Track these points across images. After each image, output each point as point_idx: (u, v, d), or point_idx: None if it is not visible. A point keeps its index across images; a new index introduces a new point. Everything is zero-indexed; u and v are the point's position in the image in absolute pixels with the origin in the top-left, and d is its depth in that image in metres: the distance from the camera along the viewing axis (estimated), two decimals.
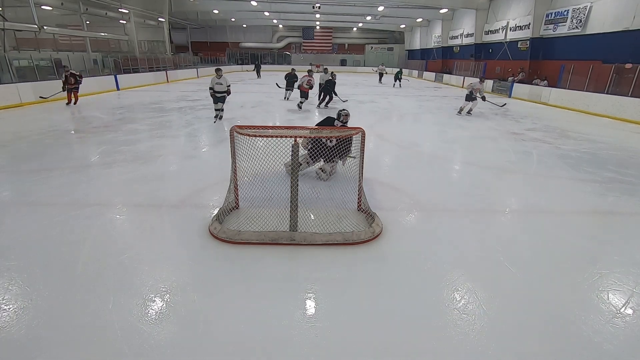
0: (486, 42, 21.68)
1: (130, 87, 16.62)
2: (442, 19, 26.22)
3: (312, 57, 37.80)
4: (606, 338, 2.18)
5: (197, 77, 24.83)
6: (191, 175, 4.99)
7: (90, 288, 2.53)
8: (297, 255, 3.03)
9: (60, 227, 3.41)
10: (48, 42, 19.63)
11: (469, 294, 2.56)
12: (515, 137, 7.98)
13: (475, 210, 4.06)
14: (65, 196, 4.14)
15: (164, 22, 26.12)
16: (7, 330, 2.13)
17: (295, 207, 3.19)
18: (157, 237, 3.28)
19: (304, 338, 2.13)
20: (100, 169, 5.16)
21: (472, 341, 2.13)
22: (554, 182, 5.17)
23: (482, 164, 5.93)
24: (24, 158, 5.63)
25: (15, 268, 2.75)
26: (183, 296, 2.47)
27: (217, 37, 39.78)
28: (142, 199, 4.13)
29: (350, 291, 2.59)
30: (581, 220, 3.95)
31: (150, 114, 10.03)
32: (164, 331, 2.15)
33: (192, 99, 13.39)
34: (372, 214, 3.57)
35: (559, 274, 2.86)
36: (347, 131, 3.78)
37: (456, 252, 3.15)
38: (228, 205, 3.63)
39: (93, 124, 8.41)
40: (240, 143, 3.36)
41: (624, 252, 3.21)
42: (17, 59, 13.51)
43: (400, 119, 10.61)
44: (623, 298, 2.57)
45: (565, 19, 15.05)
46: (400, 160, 6.24)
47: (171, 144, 6.75)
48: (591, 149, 7.06)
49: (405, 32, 36.60)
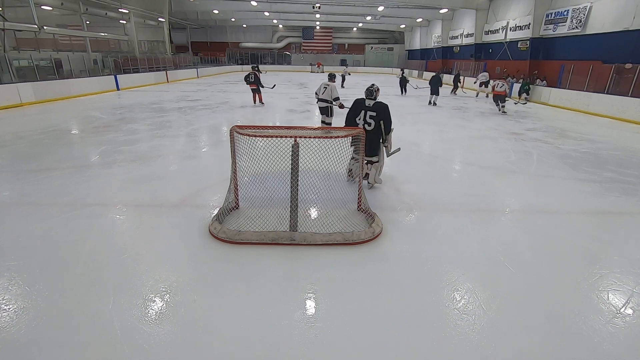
0: (486, 42, 21.67)
1: (130, 87, 16.62)
2: (442, 19, 26.21)
3: (312, 57, 37.81)
4: (606, 338, 2.18)
5: (197, 77, 24.85)
6: (191, 175, 4.99)
7: (90, 288, 2.53)
8: (297, 255, 3.03)
9: (60, 227, 3.41)
10: (48, 42, 19.61)
11: (469, 294, 2.56)
12: (515, 137, 7.98)
13: (475, 210, 4.06)
14: (65, 196, 4.14)
15: (164, 22, 26.11)
16: (7, 330, 2.13)
17: (295, 207, 3.19)
18: (157, 237, 3.28)
19: (304, 338, 2.13)
20: (100, 169, 5.16)
21: (472, 341, 2.13)
22: (554, 182, 5.17)
23: (482, 164, 5.93)
24: (24, 158, 5.63)
25: (15, 268, 2.75)
26: (183, 296, 2.47)
27: (217, 37, 39.77)
28: (142, 199, 4.13)
29: (350, 291, 2.59)
30: (581, 220, 3.95)
31: (150, 114, 10.03)
32: (164, 331, 2.15)
33: (192, 99, 13.39)
34: (372, 214, 3.57)
35: (558, 274, 2.86)
36: (347, 131, 3.76)
37: (456, 252, 3.15)
38: (228, 205, 3.63)
39: (93, 124, 8.41)
40: (240, 143, 3.36)
41: (624, 252, 3.21)
42: (17, 59, 13.51)
43: (400, 119, 10.59)
44: (623, 298, 2.57)
45: (565, 19, 15.05)
46: (401, 160, 6.23)
47: (171, 144, 6.75)
48: (591, 149, 7.06)
49: (405, 32, 36.59)
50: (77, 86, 13.39)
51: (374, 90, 4.13)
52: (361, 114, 4.09)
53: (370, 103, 4.09)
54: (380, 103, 4.11)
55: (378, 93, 4.17)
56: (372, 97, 4.11)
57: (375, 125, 4.04)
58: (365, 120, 4.07)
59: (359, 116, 4.10)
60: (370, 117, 4.05)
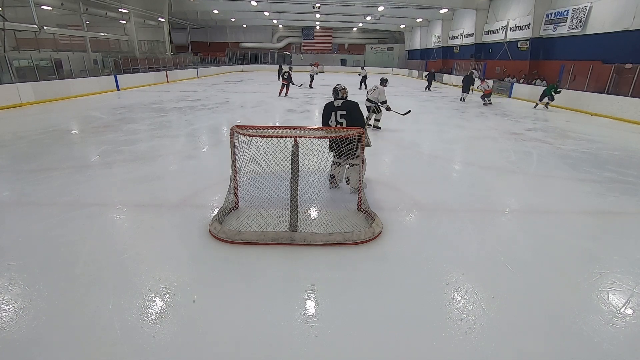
0: (486, 42, 21.68)
1: (130, 87, 16.63)
2: (442, 19, 26.22)
3: (312, 57, 37.80)
4: (606, 338, 2.18)
5: (197, 77, 24.85)
6: (191, 175, 4.99)
7: (90, 288, 2.53)
8: (297, 255, 3.03)
9: (60, 227, 3.41)
10: (48, 42, 19.61)
11: (468, 294, 2.56)
12: (515, 137, 7.98)
13: (475, 210, 4.06)
14: (65, 196, 4.14)
15: (164, 22, 26.12)
16: (7, 330, 2.12)
17: (295, 207, 3.19)
18: (157, 237, 3.28)
19: (303, 338, 2.13)
20: (100, 169, 5.16)
21: (472, 341, 2.13)
22: (554, 182, 5.17)
23: (482, 164, 5.93)
24: (24, 158, 5.63)
25: (15, 268, 2.75)
26: (183, 296, 2.47)
27: (217, 37, 39.78)
28: (142, 199, 4.13)
29: (350, 291, 2.59)
30: (581, 220, 3.95)
31: (150, 114, 10.03)
32: (164, 331, 2.15)
33: (192, 99, 13.39)
34: (372, 214, 3.57)
35: (558, 274, 2.85)
36: (347, 132, 3.76)
37: (456, 252, 3.14)
38: (228, 205, 3.63)
39: (93, 124, 8.41)
40: (240, 143, 3.36)
41: (624, 252, 3.21)
42: (17, 59, 13.52)
43: (400, 118, 10.59)
44: (623, 298, 2.57)
45: (565, 19, 15.05)
46: (400, 160, 6.24)
47: (171, 144, 6.75)
48: (591, 149, 7.06)
49: (405, 32, 36.60)
50: (77, 86, 13.39)
51: (339, 90, 4.08)
52: (332, 116, 4.05)
53: (339, 103, 4.05)
54: (349, 101, 4.06)
55: (345, 92, 4.12)
56: (339, 96, 4.07)
57: (348, 124, 3.95)
58: (337, 120, 4.02)
59: (331, 118, 4.06)
60: (341, 117, 4.01)
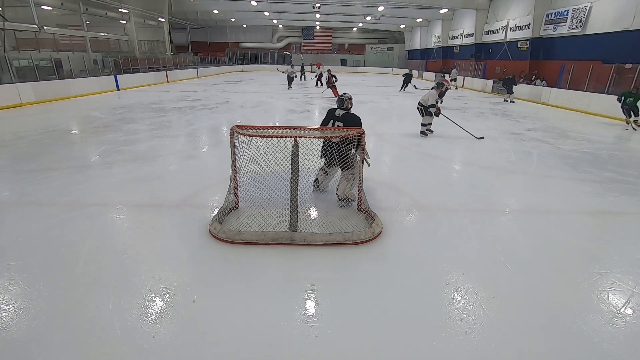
0: (486, 42, 21.67)
1: (130, 87, 16.63)
2: (442, 19, 26.21)
3: (312, 57, 37.81)
4: (606, 338, 2.18)
5: (197, 77, 24.85)
6: (191, 175, 4.99)
7: (90, 288, 2.53)
8: (297, 255, 3.03)
9: (60, 227, 3.41)
10: (48, 42, 19.61)
11: (468, 294, 2.56)
12: (515, 137, 7.98)
13: (475, 210, 4.06)
14: (65, 196, 4.14)
15: (164, 22, 26.11)
16: (7, 330, 2.12)
17: (295, 207, 3.19)
18: (157, 237, 3.28)
19: (303, 338, 2.13)
20: (100, 169, 5.16)
21: (472, 341, 2.13)
22: (554, 182, 5.16)
23: (482, 164, 5.93)
24: (24, 158, 5.63)
25: (15, 268, 2.75)
26: (183, 296, 2.47)
27: (217, 37, 39.77)
28: (142, 199, 4.13)
29: (350, 291, 2.59)
30: (581, 220, 3.95)
31: (150, 114, 10.03)
32: (164, 331, 2.15)
33: (192, 99, 13.39)
34: (372, 214, 3.57)
35: (558, 274, 2.85)
36: (347, 132, 3.75)
37: (456, 252, 3.14)
38: (228, 205, 3.63)
39: (93, 124, 8.41)
40: (240, 143, 3.36)
41: (624, 252, 3.21)
42: (17, 59, 13.53)
43: (400, 118, 10.61)
44: (623, 298, 2.57)
45: (565, 19, 15.05)
46: (400, 160, 6.23)
47: (171, 144, 6.75)
48: (591, 149, 7.06)
49: (405, 32, 36.58)
50: (77, 86, 13.39)
51: (345, 100, 3.90)
52: (330, 124, 3.95)
53: (340, 113, 3.91)
54: (349, 114, 3.89)
55: (350, 102, 3.93)
56: (343, 106, 3.91)
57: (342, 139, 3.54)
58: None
59: (329, 125, 3.95)
60: None
